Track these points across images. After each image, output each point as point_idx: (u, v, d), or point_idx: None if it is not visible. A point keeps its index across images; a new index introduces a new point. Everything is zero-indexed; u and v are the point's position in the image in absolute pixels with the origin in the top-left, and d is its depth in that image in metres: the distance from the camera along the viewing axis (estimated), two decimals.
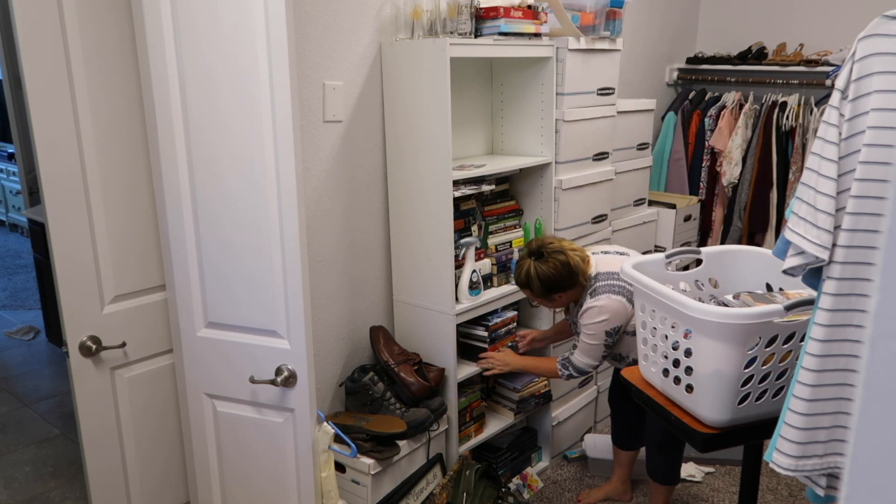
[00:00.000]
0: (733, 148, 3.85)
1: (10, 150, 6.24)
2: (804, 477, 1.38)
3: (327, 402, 2.52)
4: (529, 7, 2.54)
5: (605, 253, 2.47)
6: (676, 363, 1.73)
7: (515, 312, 2.77)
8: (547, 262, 2.33)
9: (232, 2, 1.64)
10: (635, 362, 2.22)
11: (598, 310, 2.32)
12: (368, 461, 2.24)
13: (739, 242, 3.92)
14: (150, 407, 2.03)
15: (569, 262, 2.33)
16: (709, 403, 1.66)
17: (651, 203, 3.55)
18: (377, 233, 2.57)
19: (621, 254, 2.47)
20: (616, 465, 2.84)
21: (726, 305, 1.75)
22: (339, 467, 2.27)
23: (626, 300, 2.31)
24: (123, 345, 1.91)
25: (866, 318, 1.13)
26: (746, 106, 3.87)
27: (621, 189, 3.19)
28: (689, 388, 1.71)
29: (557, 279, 2.32)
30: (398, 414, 2.36)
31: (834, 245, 1.23)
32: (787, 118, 3.74)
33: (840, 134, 1.21)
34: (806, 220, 1.26)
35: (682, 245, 3.65)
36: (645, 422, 2.60)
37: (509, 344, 2.72)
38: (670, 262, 2.02)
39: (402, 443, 2.33)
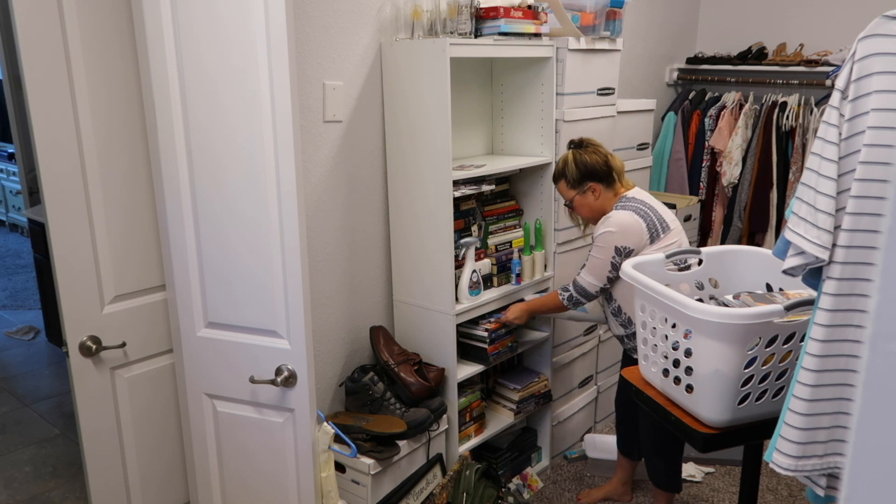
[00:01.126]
0: (733, 148, 3.85)
1: (10, 150, 6.24)
2: (804, 477, 1.38)
3: (327, 402, 2.52)
4: (529, 7, 2.54)
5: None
6: (676, 363, 1.73)
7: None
8: (587, 150, 2.39)
9: (232, 2, 1.64)
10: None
11: (614, 220, 2.32)
12: (368, 461, 2.24)
13: (739, 242, 3.93)
14: (150, 407, 2.03)
15: (608, 159, 2.39)
16: (709, 404, 1.66)
17: None
18: (377, 233, 2.57)
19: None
20: (618, 467, 2.83)
21: (726, 305, 1.74)
22: (339, 467, 2.27)
23: (646, 226, 2.30)
24: (123, 345, 1.91)
25: (866, 319, 1.13)
26: (746, 106, 3.87)
27: None
28: (690, 389, 1.71)
29: (594, 167, 2.36)
30: (398, 414, 2.36)
31: (834, 245, 1.23)
32: (787, 118, 3.74)
33: (840, 134, 1.21)
34: (806, 220, 1.26)
35: None
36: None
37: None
38: (670, 262, 2.02)
39: (402, 443, 2.33)
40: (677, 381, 1.74)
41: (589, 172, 2.37)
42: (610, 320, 2.50)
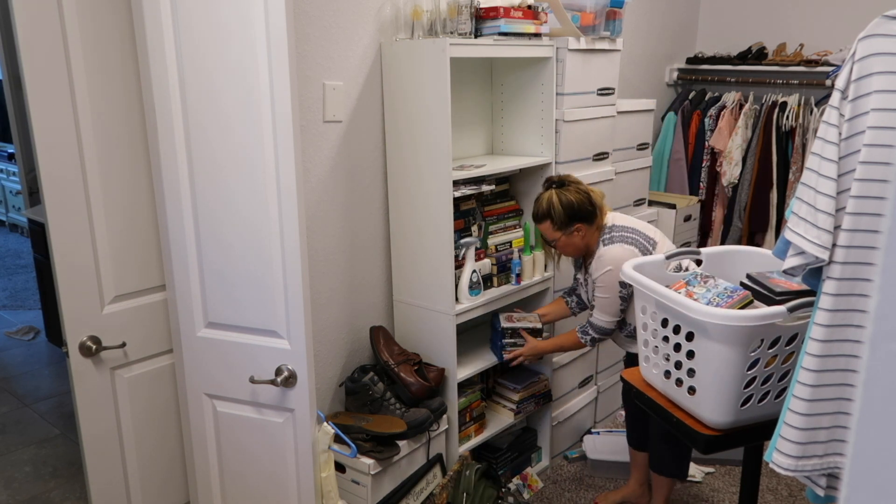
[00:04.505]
0: (733, 148, 3.85)
1: (10, 150, 6.24)
2: (804, 477, 1.38)
3: (327, 402, 2.52)
4: (529, 7, 2.54)
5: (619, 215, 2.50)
6: (678, 365, 1.73)
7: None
8: (569, 189, 2.35)
9: (232, 2, 1.64)
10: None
11: (608, 259, 2.33)
12: (368, 461, 2.24)
13: (739, 242, 3.92)
14: (150, 407, 2.03)
15: (590, 194, 2.36)
16: (711, 405, 1.66)
17: (651, 203, 3.55)
18: (377, 233, 2.57)
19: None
20: (633, 467, 2.78)
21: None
22: (339, 467, 2.27)
23: (639, 251, 2.32)
24: (123, 345, 1.91)
25: (866, 319, 1.13)
26: (746, 106, 3.87)
27: (621, 189, 3.18)
28: (692, 391, 1.70)
29: (579, 207, 2.33)
30: (398, 414, 2.36)
31: (834, 245, 1.23)
32: (787, 118, 3.74)
33: (840, 134, 1.21)
34: (806, 220, 1.26)
35: (682, 245, 3.65)
36: None
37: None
38: (670, 262, 2.02)
39: (402, 443, 2.33)
40: (679, 382, 1.74)
41: (575, 213, 2.33)
42: (625, 343, 2.52)
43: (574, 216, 2.33)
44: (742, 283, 1.76)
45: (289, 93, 1.65)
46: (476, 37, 2.45)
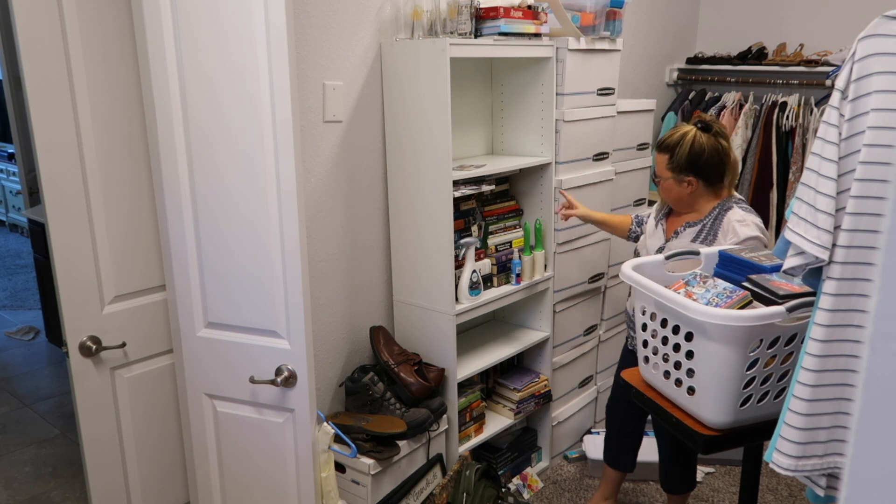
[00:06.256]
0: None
1: (10, 150, 6.24)
2: (804, 477, 1.37)
3: (327, 402, 2.52)
4: (529, 7, 2.54)
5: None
6: (678, 365, 1.73)
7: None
8: (713, 137, 2.11)
9: (232, 2, 1.64)
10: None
11: (753, 222, 2.10)
12: (368, 461, 2.24)
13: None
14: (150, 407, 2.03)
15: (729, 154, 2.13)
16: (711, 405, 1.66)
17: (651, 203, 3.55)
18: (377, 233, 2.57)
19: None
20: (603, 481, 2.69)
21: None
22: (339, 467, 2.27)
23: (763, 235, 2.10)
24: (123, 345, 1.91)
25: (866, 319, 1.13)
26: (746, 106, 3.87)
27: (621, 189, 3.18)
28: (691, 391, 1.70)
29: (707, 160, 2.10)
30: (398, 414, 2.36)
31: (834, 245, 1.23)
32: (787, 118, 3.74)
33: (840, 134, 1.21)
34: (806, 220, 1.26)
35: None
36: (641, 442, 2.57)
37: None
38: (670, 263, 2.01)
39: (402, 443, 2.33)
40: (678, 383, 1.74)
41: (697, 164, 2.10)
42: None
43: (694, 166, 2.11)
44: (742, 285, 1.75)
45: (289, 93, 1.65)
46: (476, 37, 2.45)
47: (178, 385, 2.01)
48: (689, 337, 1.66)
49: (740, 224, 2.11)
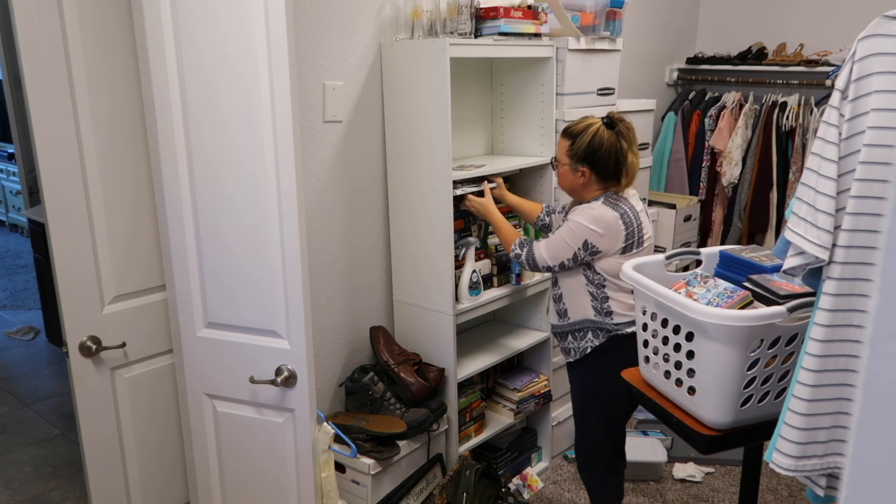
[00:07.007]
0: (733, 148, 3.85)
1: (10, 150, 6.24)
2: (804, 477, 1.37)
3: (327, 402, 2.52)
4: (529, 7, 2.54)
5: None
6: (678, 365, 1.73)
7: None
8: (614, 136, 2.14)
9: (232, 2, 1.64)
10: (618, 327, 2.19)
11: (598, 216, 2.13)
12: (368, 461, 2.24)
13: (739, 242, 3.92)
14: (150, 407, 2.03)
15: (627, 156, 2.16)
16: (711, 406, 1.66)
17: (651, 203, 3.55)
18: (377, 233, 2.57)
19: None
20: None
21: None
22: (339, 467, 2.27)
23: (625, 235, 2.14)
24: (123, 345, 1.91)
25: (866, 319, 1.13)
26: (746, 106, 3.87)
27: None
28: (692, 391, 1.70)
29: (605, 156, 2.13)
30: (398, 414, 2.36)
31: (834, 245, 1.23)
32: (787, 118, 3.74)
33: (840, 134, 1.21)
34: (806, 220, 1.26)
35: (682, 245, 3.65)
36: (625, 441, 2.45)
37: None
38: (670, 262, 2.01)
39: (402, 443, 2.33)
40: (679, 383, 1.74)
41: (593, 157, 2.14)
42: (550, 304, 2.38)
43: (590, 158, 2.14)
44: (743, 285, 1.76)
45: (289, 93, 1.65)
46: (476, 37, 2.45)
47: (178, 385, 2.01)
48: (689, 337, 1.66)
49: (580, 210, 2.16)
